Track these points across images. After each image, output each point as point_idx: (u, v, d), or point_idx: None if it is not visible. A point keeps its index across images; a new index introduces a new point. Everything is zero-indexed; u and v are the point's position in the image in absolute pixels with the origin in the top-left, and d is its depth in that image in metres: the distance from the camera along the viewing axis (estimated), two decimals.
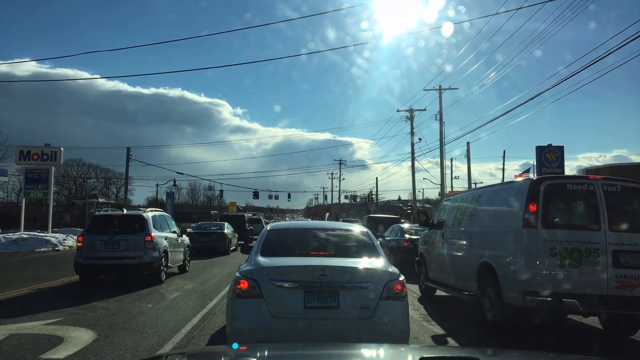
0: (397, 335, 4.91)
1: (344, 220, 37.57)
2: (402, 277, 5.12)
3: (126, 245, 11.94)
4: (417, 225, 18.22)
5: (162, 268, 12.36)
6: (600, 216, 6.71)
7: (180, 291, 11.11)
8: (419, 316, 8.53)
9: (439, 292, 10.51)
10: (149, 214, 13.17)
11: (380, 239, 17.46)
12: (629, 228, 6.70)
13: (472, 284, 8.19)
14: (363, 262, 5.32)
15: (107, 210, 18.82)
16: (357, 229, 6.42)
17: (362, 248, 5.76)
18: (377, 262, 5.35)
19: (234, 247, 24.53)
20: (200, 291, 10.96)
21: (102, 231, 12.22)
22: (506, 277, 7.14)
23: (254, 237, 20.52)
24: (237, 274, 5.14)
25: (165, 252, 12.72)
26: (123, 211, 13.90)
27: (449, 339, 7.08)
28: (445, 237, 9.89)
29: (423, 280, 11.05)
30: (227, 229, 24.08)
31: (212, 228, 24.08)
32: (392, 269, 5.24)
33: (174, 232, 14.34)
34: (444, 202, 11.41)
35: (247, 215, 44.40)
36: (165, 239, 13.05)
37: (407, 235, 16.83)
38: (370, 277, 5.04)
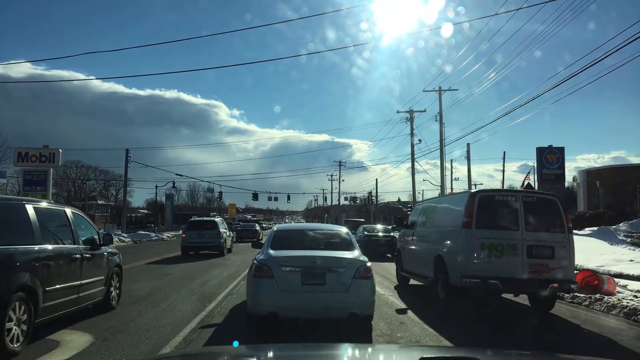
0: (365, 303, 7.17)
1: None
2: (369, 264, 7.42)
3: (208, 235, 23.06)
4: (378, 225, 28.84)
5: (225, 249, 23.65)
6: (519, 220, 9.08)
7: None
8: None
9: (412, 282, 12.86)
10: (217, 219, 25.72)
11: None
12: (540, 228, 9.10)
13: (430, 272, 10.59)
14: (343, 254, 7.60)
15: (196, 218, 29.62)
16: (342, 230, 8.82)
17: (343, 243, 8.09)
18: (352, 254, 7.66)
19: (261, 237, 39.00)
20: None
21: (195, 228, 23.60)
22: (452, 265, 9.49)
23: None
24: (255, 262, 7.46)
25: (225, 240, 23.98)
26: (203, 218, 27.24)
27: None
28: (414, 236, 12.31)
29: (399, 271, 13.45)
30: (257, 227, 44.74)
31: (249, 226, 44.46)
32: (363, 257, 7.54)
33: (226, 228, 25.99)
34: (417, 206, 13.84)
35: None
36: (225, 232, 24.44)
37: (366, 233, 24.56)
38: (347, 263, 7.29)
